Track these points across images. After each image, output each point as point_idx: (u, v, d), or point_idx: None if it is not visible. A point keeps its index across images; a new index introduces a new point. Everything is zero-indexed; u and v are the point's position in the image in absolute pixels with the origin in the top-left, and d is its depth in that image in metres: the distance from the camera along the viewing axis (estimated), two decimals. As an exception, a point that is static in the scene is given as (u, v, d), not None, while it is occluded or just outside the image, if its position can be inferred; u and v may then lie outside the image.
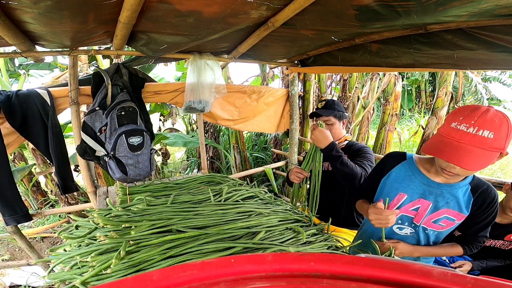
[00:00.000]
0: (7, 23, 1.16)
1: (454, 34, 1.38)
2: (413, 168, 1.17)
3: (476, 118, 0.90)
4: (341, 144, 1.76)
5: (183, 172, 5.41)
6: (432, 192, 1.12)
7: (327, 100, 1.77)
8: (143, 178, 1.85)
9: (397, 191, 1.18)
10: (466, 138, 0.89)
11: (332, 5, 1.20)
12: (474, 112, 0.91)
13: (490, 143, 0.87)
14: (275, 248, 0.97)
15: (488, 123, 0.88)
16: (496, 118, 0.89)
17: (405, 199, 1.16)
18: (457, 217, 1.11)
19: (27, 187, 3.65)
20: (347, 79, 3.77)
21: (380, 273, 0.37)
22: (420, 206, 1.14)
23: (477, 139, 0.88)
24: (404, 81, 9.29)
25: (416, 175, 1.15)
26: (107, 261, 0.84)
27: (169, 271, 0.35)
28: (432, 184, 1.12)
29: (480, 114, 0.90)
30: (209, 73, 2.04)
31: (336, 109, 1.71)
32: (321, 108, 1.74)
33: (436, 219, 1.14)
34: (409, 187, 1.16)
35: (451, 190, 1.09)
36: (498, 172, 5.68)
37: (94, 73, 1.84)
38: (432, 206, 1.13)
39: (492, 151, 0.88)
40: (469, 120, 0.90)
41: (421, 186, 1.14)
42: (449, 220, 1.13)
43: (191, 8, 1.20)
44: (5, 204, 1.70)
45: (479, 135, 0.88)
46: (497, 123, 0.88)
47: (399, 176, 1.19)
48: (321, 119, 1.72)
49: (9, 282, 2.51)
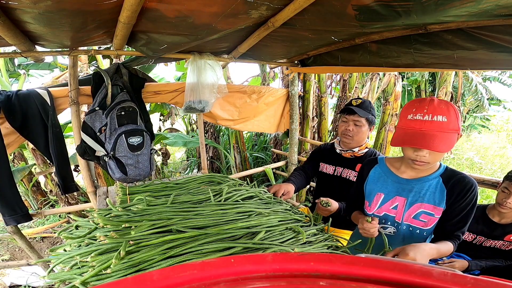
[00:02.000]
0: (7, 23, 1.16)
1: (454, 34, 1.38)
2: (384, 169, 1.26)
3: (427, 107, 1.00)
4: (360, 152, 1.64)
5: (183, 172, 5.41)
6: (404, 189, 1.18)
7: (363, 100, 1.63)
8: (143, 178, 1.85)
9: (375, 192, 1.25)
10: (425, 125, 0.99)
11: (332, 5, 1.20)
12: (422, 103, 1.02)
13: (447, 126, 0.98)
14: (275, 248, 0.97)
15: (438, 109, 0.98)
16: (442, 104, 1.00)
17: (383, 198, 1.23)
18: (435, 211, 1.14)
19: (27, 187, 3.65)
20: (347, 79, 3.78)
21: (380, 273, 0.37)
22: (398, 204, 1.20)
23: (435, 124, 0.98)
24: (404, 81, 9.27)
25: (388, 175, 1.23)
26: (107, 261, 0.84)
27: (169, 271, 0.35)
28: (402, 181, 1.19)
29: (428, 103, 1.01)
30: (209, 73, 2.04)
31: (371, 112, 1.60)
32: (357, 105, 1.59)
33: (414, 215, 1.17)
34: (383, 187, 1.23)
35: (421, 184, 1.15)
36: (498, 172, 5.68)
37: (94, 73, 1.84)
38: (407, 201, 1.17)
39: (450, 133, 0.98)
40: (422, 110, 1.01)
41: (393, 184, 1.21)
42: (428, 215, 1.15)
43: (191, 8, 1.20)
44: (5, 204, 1.70)
45: (435, 120, 0.98)
46: (445, 108, 0.99)
47: (374, 178, 1.28)
48: (353, 118, 1.59)
49: (9, 282, 2.51)
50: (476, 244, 1.57)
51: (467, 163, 6.20)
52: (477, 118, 9.18)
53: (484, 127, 9.16)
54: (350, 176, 1.68)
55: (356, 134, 1.59)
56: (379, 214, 1.24)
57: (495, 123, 9.68)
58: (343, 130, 1.64)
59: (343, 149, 1.68)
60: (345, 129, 1.62)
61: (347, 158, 1.69)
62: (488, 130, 9.15)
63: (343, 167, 1.70)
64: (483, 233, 1.55)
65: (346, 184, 1.66)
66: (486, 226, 1.54)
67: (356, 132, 1.59)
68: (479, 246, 1.56)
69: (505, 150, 7.11)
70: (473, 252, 1.57)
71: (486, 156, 6.60)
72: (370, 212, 1.27)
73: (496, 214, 1.52)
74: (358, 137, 1.60)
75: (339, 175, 1.70)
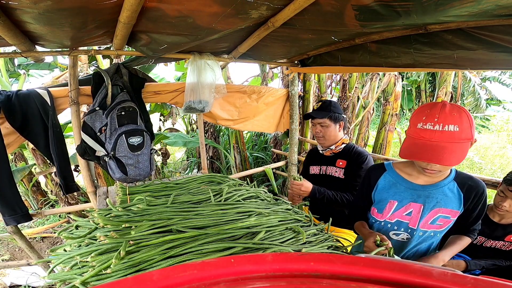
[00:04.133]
0: (7, 23, 1.16)
1: (454, 34, 1.38)
2: (395, 176, 1.21)
3: (438, 115, 0.94)
4: (337, 148, 1.73)
5: (183, 172, 5.41)
6: (420, 195, 1.14)
7: (323, 101, 1.75)
8: (143, 178, 1.85)
9: (388, 200, 1.21)
10: (436, 136, 0.94)
11: (332, 5, 1.20)
12: (433, 109, 0.96)
13: (459, 136, 0.92)
14: (275, 248, 0.97)
15: (449, 118, 0.93)
16: (454, 111, 0.94)
17: (396, 205, 1.19)
18: (451, 214, 1.14)
19: (27, 187, 3.65)
20: (347, 79, 3.77)
21: (380, 273, 0.37)
22: (413, 210, 1.16)
23: (446, 135, 0.93)
24: (404, 81, 9.29)
25: (400, 182, 1.18)
26: (107, 261, 0.84)
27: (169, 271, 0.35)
28: (417, 187, 1.15)
29: (439, 111, 0.95)
30: (209, 73, 2.04)
31: (332, 110, 1.68)
32: (317, 109, 1.72)
33: (432, 220, 1.16)
34: (397, 194, 1.19)
35: (437, 189, 1.12)
36: (498, 172, 5.68)
37: (94, 73, 1.84)
38: (424, 208, 1.14)
39: (462, 143, 0.93)
40: (432, 118, 0.95)
41: (407, 191, 1.17)
42: (444, 219, 1.15)
43: (191, 8, 1.20)
44: (5, 204, 1.70)
45: (446, 130, 0.93)
46: (457, 116, 0.93)
47: (385, 186, 1.22)
48: (317, 121, 1.70)
49: (9, 282, 2.51)
50: (477, 245, 1.57)
51: (467, 163, 6.19)
52: (477, 118, 9.17)
53: (484, 127, 9.16)
54: (332, 172, 1.78)
55: (325, 133, 1.71)
56: (391, 221, 1.23)
57: (495, 123, 9.67)
58: (314, 133, 1.79)
59: (323, 148, 1.80)
60: (314, 132, 1.77)
61: (328, 156, 1.81)
62: (488, 130, 9.16)
63: (326, 165, 1.81)
64: (484, 233, 1.55)
65: (331, 180, 1.76)
66: (486, 227, 1.54)
67: (325, 132, 1.71)
68: (479, 247, 1.56)
69: (505, 150, 7.11)
70: (473, 253, 1.56)
71: (486, 156, 6.60)
72: (381, 219, 1.25)
73: (497, 215, 1.52)
74: (328, 136, 1.71)
75: (324, 173, 1.81)
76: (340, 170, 1.73)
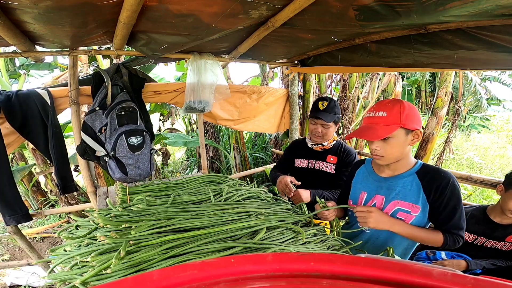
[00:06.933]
0: (7, 23, 1.16)
1: (454, 34, 1.38)
2: (369, 169, 1.35)
3: (377, 105, 1.15)
4: (329, 145, 1.79)
5: (183, 172, 5.41)
6: (382, 187, 1.25)
7: (329, 101, 1.71)
8: (143, 178, 1.85)
9: (360, 191, 1.34)
10: (369, 120, 1.15)
11: (332, 5, 1.20)
12: (381, 102, 1.17)
13: (385, 120, 1.10)
14: (275, 248, 0.97)
15: (382, 107, 1.12)
16: (390, 102, 1.13)
17: (366, 196, 1.30)
18: (411, 208, 1.16)
19: (27, 187, 3.65)
20: (347, 79, 3.77)
21: (380, 273, 0.37)
22: (377, 202, 1.25)
23: (375, 119, 1.12)
24: (404, 81, 9.27)
25: (371, 174, 1.32)
26: (107, 261, 0.83)
27: (169, 271, 0.35)
28: (381, 179, 1.26)
29: (379, 103, 1.16)
30: (209, 73, 2.04)
31: (336, 112, 1.71)
32: (323, 110, 1.70)
33: (391, 212, 1.19)
34: (367, 186, 1.32)
35: (396, 181, 1.20)
36: (498, 172, 5.68)
37: (94, 73, 1.84)
38: (385, 200, 1.22)
39: (389, 125, 1.09)
40: (372, 109, 1.16)
41: (374, 183, 1.29)
42: (404, 213, 1.17)
43: (191, 8, 1.20)
44: (5, 204, 1.70)
45: (376, 115, 1.13)
46: (389, 105, 1.11)
47: (359, 177, 1.38)
48: (321, 122, 1.70)
49: (9, 282, 2.51)
50: (477, 245, 1.57)
51: (467, 163, 6.20)
52: (477, 118, 9.18)
53: (484, 127, 9.17)
54: (322, 167, 1.81)
55: (325, 134, 1.74)
56: None
57: (495, 123, 9.68)
58: (313, 131, 1.77)
59: (314, 143, 1.81)
60: (314, 130, 1.76)
61: (318, 151, 1.83)
62: (488, 130, 9.16)
63: (315, 159, 1.84)
64: (484, 234, 1.55)
65: (320, 175, 1.80)
66: (487, 227, 1.54)
67: (325, 133, 1.74)
68: (480, 247, 1.56)
69: (505, 150, 7.11)
70: (474, 253, 1.56)
71: (486, 156, 6.60)
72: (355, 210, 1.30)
73: (497, 215, 1.52)
74: (328, 136, 1.76)
75: (313, 167, 1.83)
76: (331, 165, 1.78)
